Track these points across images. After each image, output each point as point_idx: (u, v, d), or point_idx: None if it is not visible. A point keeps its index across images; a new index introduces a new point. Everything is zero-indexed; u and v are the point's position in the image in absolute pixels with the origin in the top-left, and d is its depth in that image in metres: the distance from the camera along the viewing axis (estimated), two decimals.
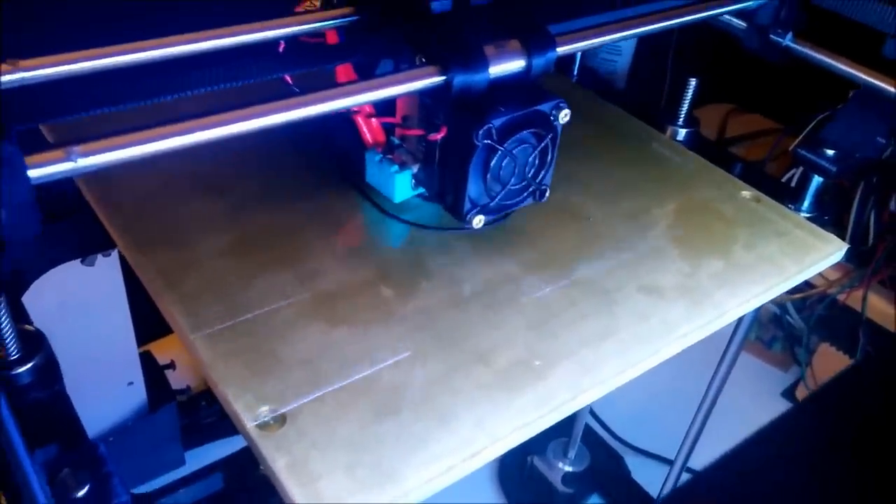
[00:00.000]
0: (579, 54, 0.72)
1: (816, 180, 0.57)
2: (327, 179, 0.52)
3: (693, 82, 0.63)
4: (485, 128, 0.40)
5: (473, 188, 0.43)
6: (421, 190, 0.48)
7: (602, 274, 0.46)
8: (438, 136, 0.43)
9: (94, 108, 0.37)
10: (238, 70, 0.40)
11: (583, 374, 0.40)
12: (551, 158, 0.45)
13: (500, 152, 0.42)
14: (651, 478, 0.97)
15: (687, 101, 0.63)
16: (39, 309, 0.61)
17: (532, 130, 0.43)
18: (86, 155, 0.31)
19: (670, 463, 0.81)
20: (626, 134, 0.61)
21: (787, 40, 0.55)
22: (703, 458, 0.84)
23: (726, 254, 0.49)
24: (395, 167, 0.47)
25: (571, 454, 0.90)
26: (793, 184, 0.84)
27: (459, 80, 0.39)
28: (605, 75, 0.76)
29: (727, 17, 0.57)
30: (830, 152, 0.55)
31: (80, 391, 0.73)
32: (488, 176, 0.42)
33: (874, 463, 0.38)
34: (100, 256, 0.57)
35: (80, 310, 0.68)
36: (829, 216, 0.59)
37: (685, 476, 0.83)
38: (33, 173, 0.30)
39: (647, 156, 0.58)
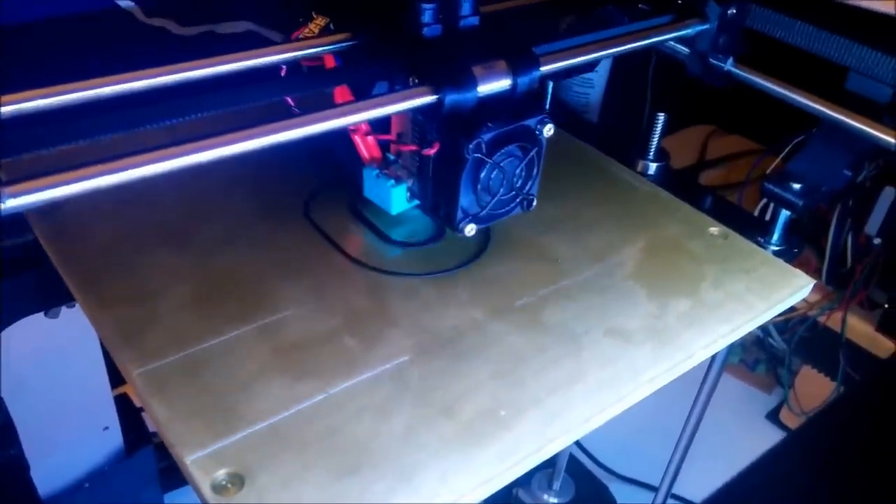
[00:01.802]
0: (551, 88, 0.72)
1: (785, 213, 0.57)
2: (291, 226, 0.51)
3: (662, 117, 0.63)
4: (474, 142, 0.42)
5: (465, 199, 0.45)
6: (416, 202, 0.50)
7: (570, 317, 0.46)
8: (432, 151, 0.45)
9: (78, 139, 0.36)
10: (239, 93, 0.41)
11: (549, 424, 0.40)
12: (537, 170, 0.47)
13: (489, 164, 0.44)
14: None
15: (656, 136, 0.64)
16: (8, 359, 0.60)
17: (518, 144, 0.45)
18: (16, 195, 0.30)
19: (655, 489, 0.80)
20: (595, 171, 0.61)
21: (728, 65, 0.57)
22: (688, 482, 0.83)
23: (694, 293, 0.49)
24: (392, 181, 0.49)
25: (556, 485, 0.90)
26: (768, 213, 0.84)
27: (450, 98, 0.42)
28: (577, 108, 0.77)
29: (671, 43, 0.59)
30: (797, 186, 0.56)
31: (55, 438, 0.72)
32: (479, 187, 0.45)
33: (870, 493, 0.38)
34: (64, 307, 0.56)
35: (51, 358, 0.67)
36: (799, 248, 0.59)
37: (670, 502, 0.82)
38: None
39: (617, 193, 0.59)
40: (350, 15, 0.48)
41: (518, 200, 0.48)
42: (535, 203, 0.48)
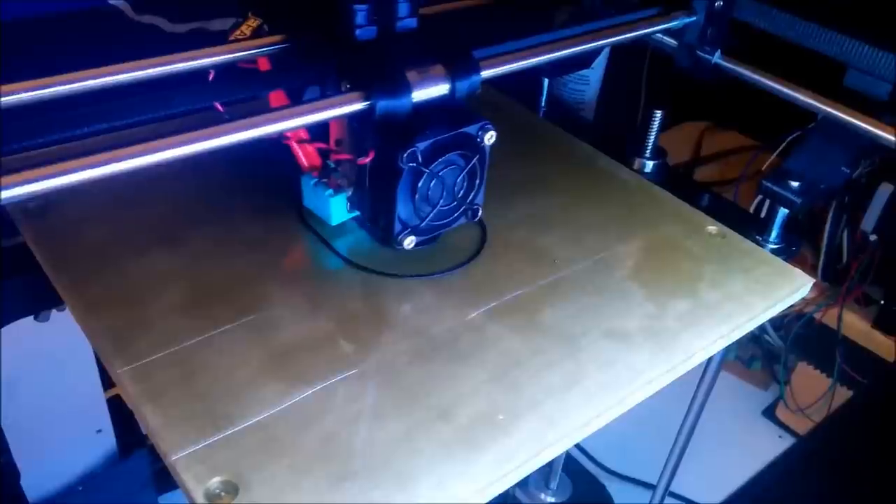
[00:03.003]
0: (546, 85, 0.71)
1: (783, 211, 0.57)
2: (283, 226, 0.51)
3: (658, 114, 0.63)
4: (409, 151, 0.41)
5: (403, 210, 0.44)
6: (357, 213, 0.49)
7: (567, 319, 0.46)
8: (367, 160, 0.43)
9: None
10: (166, 100, 0.40)
11: (547, 428, 0.39)
12: (481, 179, 0.46)
13: (426, 174, 0.42)
14: None
15: (653, 133, 0.63)
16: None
17: (459, 152, 0.43)
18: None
19: (653, 488, 0.80)
20: (592, 170, 0.61)
21: (716, 58, 0.56)
22: (686, 480, 0.83)
23: (692, 293, 0.48)
24: (330, 191, 0.48)
25: (553, 484, 0.89)
26: (764, 209, 0.84)
27: (382, 104, 0.40)
28: (573, 105, 0.76)
29: (659, 36, 0.59)
30: (795, 184, 0.55)
31: (48, 441, 0.72)
32: (417, 197, 0.43)
33: (882, 500, 0.38)
34: (55, 311, 0.56)
35: (42, 360, 0.67)
36: (797, 246, 0.58)
37: (668, 500, 0.82)
38: None
39: (614, 192, 0.58)
40: (284, 16, 0.46)
41: (462, 210, 0.46)
42: (480, 212, 0.47)
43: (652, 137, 0.63)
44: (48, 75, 0.61)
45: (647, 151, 0.63)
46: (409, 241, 0.45)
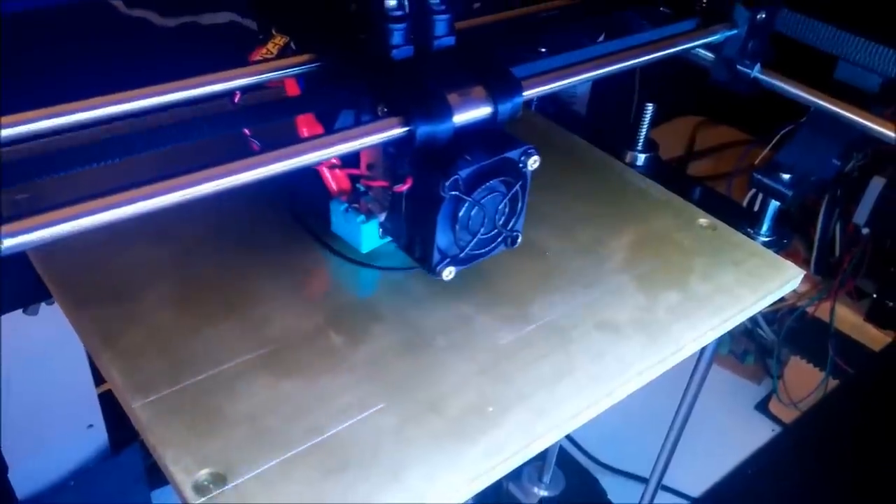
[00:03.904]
0: None
1: (774, 204, 0.57)
2: (273, 220, 0.50)
3: (650, 107, 0.63)
4: (451, 179, 0.38)
5: (442, 239, 0.41)
6: (388, 239, 0.46)
7: (558, 311, 0.46)
8: (404, 188, 0.41)
9: (24, 178, 0.34)
10: (192, 128, 0.38)
11: (537, 420, 0.39)
12: (522, 205, 0.43)
13: (468, 203, 0.40)
14: (628, 497, 0.96)
15: (645, 126, 0.63)
16: None
17: (501, 179, 0.41)
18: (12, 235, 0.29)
19: (645, 481, 0.80)
20: (585, 163, 0.61)
21: (755, 71, 0.55)
22: (679, 474, 0.83)
23: (683, 286, 0.49)
24: (362, 217, 0.45)
25: (546, 478, 0.90)
26: (757, 203, 0.84)
27: (423, 130, 0.37)
28: (565, 99, 0.76)
29: (695, 49, 0.57)
30: (786, 176, 0.55)
31: (39, 436, 0.72)
32: (457, 226, 0.41)
33: (864, 483, 0.38)
34: (44, 304, 0.55)
35: (32, 355, 0.66)
36: (788, 238, 0.59)
37: (661, 494, 0.83)
38: None
39: (606, 185, 0.58)
40: (313, 34, 0.43)
41: (501, 238, 0.44)
42: (520, 240, 0.45)
43: (644, 131, 0.63)
44: (41, 72, 0.60)
45: (639, 145, 0.64)
46: (449, 272, 0.42)
